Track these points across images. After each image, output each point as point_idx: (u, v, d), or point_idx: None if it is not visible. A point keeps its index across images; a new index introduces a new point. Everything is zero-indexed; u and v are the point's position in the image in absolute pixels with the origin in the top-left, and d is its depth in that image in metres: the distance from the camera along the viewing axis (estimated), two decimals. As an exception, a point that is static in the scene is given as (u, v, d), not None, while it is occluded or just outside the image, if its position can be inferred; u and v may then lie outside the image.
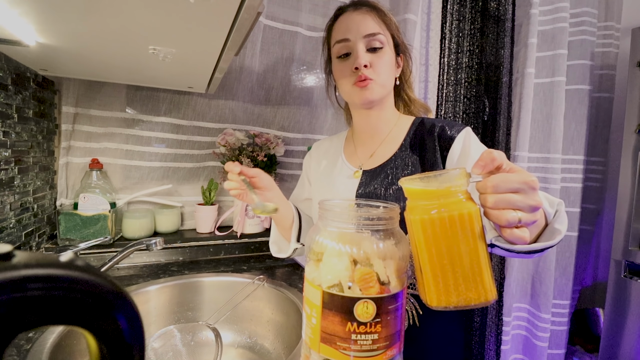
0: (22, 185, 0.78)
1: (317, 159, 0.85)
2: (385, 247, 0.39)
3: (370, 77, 0.67)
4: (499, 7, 1.37)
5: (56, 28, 0.57)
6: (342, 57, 0.70)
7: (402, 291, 0.40)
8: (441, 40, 1.34)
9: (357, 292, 0.37)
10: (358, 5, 0.70)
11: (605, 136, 1.54)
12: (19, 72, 0.76)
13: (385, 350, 0.38)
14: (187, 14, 0.49)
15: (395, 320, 0.39)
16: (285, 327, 0.78)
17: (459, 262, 0.37)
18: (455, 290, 0.38)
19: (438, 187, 0.38)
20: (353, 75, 0.68)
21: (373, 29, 0.67)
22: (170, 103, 1.08)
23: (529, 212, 0.38)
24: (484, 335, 1.43)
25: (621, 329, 1.26)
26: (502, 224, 0.38)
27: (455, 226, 0.37)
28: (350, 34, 0.68)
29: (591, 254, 1.61)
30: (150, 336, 0.74)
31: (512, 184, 0.38)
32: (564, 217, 0.50)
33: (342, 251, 0.38)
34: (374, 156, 0.74)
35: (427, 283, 0.39)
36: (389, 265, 0.39)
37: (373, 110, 0.73)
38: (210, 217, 1.11)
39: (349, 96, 0.72)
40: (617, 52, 1.52)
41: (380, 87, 0.69)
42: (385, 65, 0.69)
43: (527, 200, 0.38)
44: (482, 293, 0.38)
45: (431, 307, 0.39)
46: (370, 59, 0.67)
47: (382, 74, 0.68)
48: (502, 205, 0.38)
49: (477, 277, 0.38)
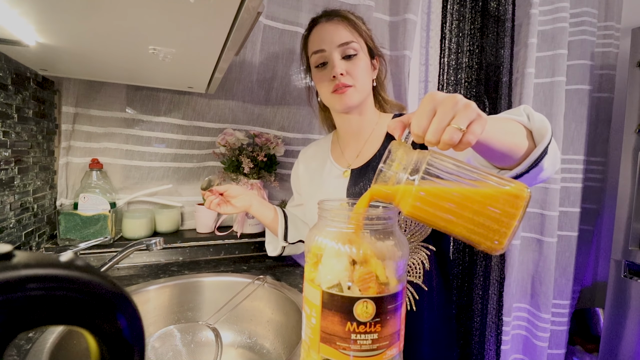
0: (22, 185, 0.78)
1: (305, 163, 0.90)
2: (384, 247, 0.39)
3: (349, 83, 0.71)
4: (499, 7, 1.37)
5: (56, 28, 0.57)
6: (320, 67, 0.75)
7: (401, 291, 0.40)
8: (441, 40, 1.34)
9: (356, 292, 0.37)
10: (330, 15, 0.74)
11: (605, 136, 1.54)
12: (18, 72, 0.76)
13: (385, 349, 0.38)
14: (187, 14, 0.49)
15: (395, 319, 0.39)
16: (285, 327, 0.78)
17: (474, 202, 0.36)
18: (496, 223, 0.35)
19: (392, 177, 0.39)
20: (331, 83, 0.73)
21: (346, 38, 0.71)
22: (170, 103, 1.08)
23: (466, 120, 0.36)
24: (484, 335, 1.43)
25: (621, 328, 1.26)
26: (452, 145, 0.37)
27: (434, 192, 0.37)
28: (325, 44, 0.72)
29: (591, 254, 1.61)
30: (150, 336, 0.74)
31: (426, 115, 0.37)
32: (538, 115, 0.50)
33: (341, 251, 0.38)
34: (360, 155, 0.78)
35: (478, 240, 0.37)
36: (389, 266, 0.39)
37: (354, 114, 0.77)
38: (210, 217, 1.11)
39: (329, 103, 0.77)
40: (617, 52, 1.52)
41: (359, 92, 0.73)
42: (362, 70, 0.73)
43: (460, 113, 0.36)
44: (508, 201, 0.35)
45: (503, 250, 0.36)
46: (346, 67, 0.71)
47: (359, 79, 0.72)
48: (437, 137, 0.36)
49: (490, 200, 0.35)
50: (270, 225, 0.93)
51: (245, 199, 0.87)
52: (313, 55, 0.75)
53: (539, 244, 1.43)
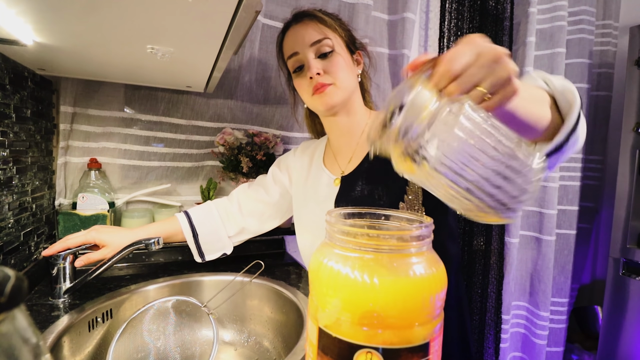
0: (20, 185, 0.78)
1: (301, 159, 0.86)
2: (405, 276, 0.28)
3: (327, 82, 0.68)
4: (498, 5, 1.37)
5: (54, 27, 0.57)
6: (298, 72, 0.72)
7: (428, 342, 0.27)
8: (440, 39, 1.34)
9: (359, 337, 0.27)
10: (299, 17, 0.72)
11: (603, 134, 1.54)
12: (16, 72, 0.76)
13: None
14: (185, 13, 0.49)
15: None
16: (285, 326, 0.78)
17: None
18: None
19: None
20: (310, 85, 0.69)
21: (317, 36, 0.69)
22: (168, 102, 1.08)
23: (494, 87, 0.32)
24: (483, 334, 1.43)
25: (619, 326, 1.27)
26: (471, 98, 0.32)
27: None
28: (297, 46, 0.70)
29: (589, 252, 1.62)
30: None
31: (464, 57, 0.31)
32: (557, 78, 0.46)
33: (349, 278, 0.28)
34: (352, 160, 0.74)
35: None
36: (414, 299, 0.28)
37: (341, 116, 0.73)
38: (209, 216, 1.11)
39: (312, 107, 0.73)
40: (615, 50, 1.53)
41: (341, 89, 0.69)
42: (340, 67, 0.68)
43: (491, 76, 0.32)
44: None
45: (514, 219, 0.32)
46: (322, 65, 0.68)
47: (339, 76, 0.68)
48: (459, 90, 0.31)
49: None
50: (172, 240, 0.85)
51: (116, 241, 0.73)
52: (288, 60, 0.73)
53: (538, 242, 1.44)
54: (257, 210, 0.88)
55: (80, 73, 0.88)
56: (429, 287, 0.28)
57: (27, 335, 0.14)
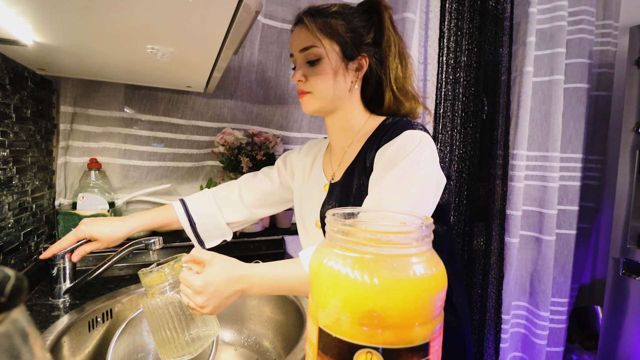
0: (20, 185, 0.78)
1: (304, 160, 0.85)
2: (406, 277, 0.28)
3: (306, 90, 0.69)
4: (498, 5, 1.37)
5: (54, 27, 0.57)
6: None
7: (428, 342, 0.27)
8: (440, 39, 1.34)
9: (359, 337, 0.27)
10: (297, 20, 0.72)
11: (603, 134, 1.54)
12: (16, 72, 0.76)
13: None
14: (185, 13, 0.49)
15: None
16: (285, 326, 0.78)
17: None
18: None
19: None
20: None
21: (305, 43, 0.68)
22: (168, 102, 1.08)
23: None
24: (483, 334, 1.43)
25: (619, 326, 1.27)
26: None
27: None
28: (293, 49, 0.71)
29: (589, 252, 1.62)
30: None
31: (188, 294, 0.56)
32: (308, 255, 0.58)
33: (349, 278, 0.28)
34: (340, 165, 0.74)
35: None
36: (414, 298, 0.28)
37: (331, 117, 0.74)
38: (209, 216, 1.11)
39: None
40: (615, 50, 1.53)
41: (317, 99, 0.69)
42: (320, 77, 0.68)
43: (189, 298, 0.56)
44: None
45: None
46: (308, 72, 0.69)
47: (317, 87, 0.68)
48: None
49: None
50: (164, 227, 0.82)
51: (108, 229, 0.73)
52: (291, 59, 0.74)
53: (538, 242, 1.44)
54: (258, 197, 0.87)
55: (80, 73, 0.88)
56: (429, 287, 0.28)
57: (27, 335, 0.14)
